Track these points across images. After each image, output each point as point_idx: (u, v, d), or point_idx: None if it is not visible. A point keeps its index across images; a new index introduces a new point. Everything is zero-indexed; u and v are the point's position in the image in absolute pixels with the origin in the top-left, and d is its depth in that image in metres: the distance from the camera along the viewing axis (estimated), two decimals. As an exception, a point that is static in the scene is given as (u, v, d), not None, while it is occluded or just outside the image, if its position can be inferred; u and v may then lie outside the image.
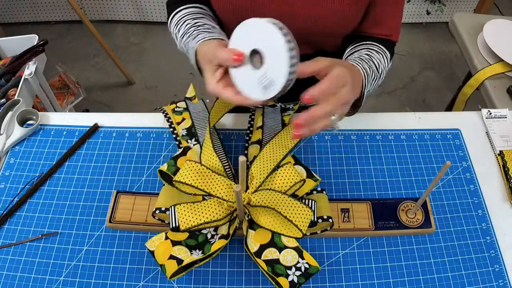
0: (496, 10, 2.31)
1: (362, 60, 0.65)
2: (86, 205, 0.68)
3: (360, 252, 0.64)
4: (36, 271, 0.62)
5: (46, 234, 0.65)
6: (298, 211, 0.60)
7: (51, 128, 0.78)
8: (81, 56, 2.16)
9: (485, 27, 1.16)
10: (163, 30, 2.31)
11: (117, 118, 0.80)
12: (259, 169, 0.66)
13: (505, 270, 0.63)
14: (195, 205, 0.61)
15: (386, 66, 0.70)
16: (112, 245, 0.64)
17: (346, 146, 0.77)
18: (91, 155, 0.74)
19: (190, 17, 0.70)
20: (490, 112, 0.82)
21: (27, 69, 1.16)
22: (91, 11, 2.26)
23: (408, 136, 0.78)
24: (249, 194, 0.62)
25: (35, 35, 1.27)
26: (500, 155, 0.76)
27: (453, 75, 2.18)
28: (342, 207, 0.68)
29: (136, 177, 0.72)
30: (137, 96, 2.01)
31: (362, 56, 0.67)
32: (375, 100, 2.02)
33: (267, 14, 0.54)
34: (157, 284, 0.61)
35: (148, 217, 0.66)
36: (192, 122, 0.75)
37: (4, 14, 2.24)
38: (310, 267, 0.59)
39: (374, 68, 0.66)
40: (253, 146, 0.72)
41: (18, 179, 0.71)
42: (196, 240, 0.62)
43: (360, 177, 0.72)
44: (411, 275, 0.62)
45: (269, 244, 0.61)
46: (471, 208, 0.69)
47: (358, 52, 0.70)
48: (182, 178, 0.63)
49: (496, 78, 1.07)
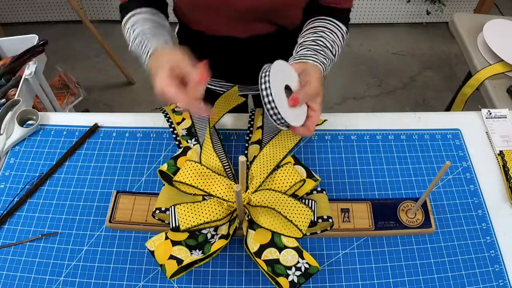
0: (496, 10, 2.31)
1: (318, 52, 0.68)
2: (86, 205, 0.68)
3: (360, 252, 0.64)
4: (36, 271, 0.62)
5: (46, 234, 0.65)
6: (298, 211, 0.60)
7: (51, 128, 0.78)
8: (81, 56, 2.16)
9: (485, 27, 1.16)
10: (163, 30, 2.31)
11: (117, 118, 0.80)
12: (259, 169, 0.66)
13: (505, 270, 0.63)
14: (195, 205, 0.61)
15: (341, 44, 0.72)
16: (112, 245, 0.64)
17: (346, 146, 0.77)
18: (91, 155, 0.74)
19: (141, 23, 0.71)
20: (490, 112, 0.82)
21: (27, 69, 1.16)
22: (91, 11, 2.26)
23: (408, 136, 0.78)
24: (249, 194, 0.62)
25: (35, 35, 1.27)
26: (500, 155, 0.76)
27: (453, 75, 2.18)
28: (342, 207, 0.68)
29: (136, 177, 0.72)
30: (137, 96, 2.01)
31: (317, 44, 0.69)
32: (375, 100, 2.02)
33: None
34: (157, 284, 0.61)
35: (148, 217, 0.66)
36: (192, 122, 0.75)
37: (4, 14, 2.24)
38: (310, 267, 0.59)
39: (330, 54, 0.69)
40: (253, 146, 0.72)
41: (18, 179, 0.71)
42: (196, 240, 0.62)
43: (360, 177, 0.72)
44: (411, 275, 0.62)
45: (269, 244, 0.61)
46: (471, 208, 0.69)
47: (313, 33, 0.71)
48: (182, 178, 0.63)
49: (496, 78, 1.07)
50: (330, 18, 0.72)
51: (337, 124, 0.80)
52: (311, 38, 0.70)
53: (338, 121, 0.80)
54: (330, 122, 0.80)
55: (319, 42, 0.69)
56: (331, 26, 0.71)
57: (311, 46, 0.68)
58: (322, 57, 0.67)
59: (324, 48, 0.69)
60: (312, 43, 0.69)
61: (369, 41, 2.34)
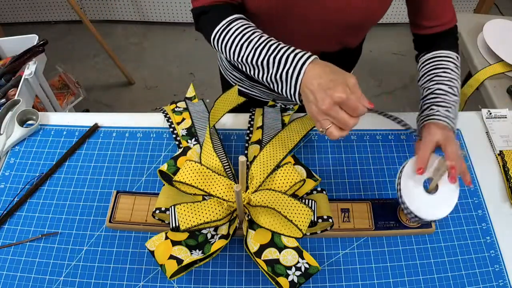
0: (496, 10, 2.31)
1: (446, 109, 0.66)
2: (86, 205, 0.68)
3: (360, 252, 0.64)
4: (36, 271, 0.62)
5: (46, 234, 0.65)
6: (298, 211, 0.60)
7: (51, 128, 0.78)
8: (81, 56, 2.16)
9: (485, 27, 1.16)
10: (163, 30, 2.31)
11: (117, 118, 0.80)
12: (259, 169, 0.66)
13: (505, 270, 0.63)
14: (195, 205, 0.61)
15: (457, 75, 0.71)
16: (112, 245, 0.64)
17: (346, 146, 0.77)
18: (91, 155, 0.74)
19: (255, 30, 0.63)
20: (490, 112, 0.82)
21: (27, 69, 1.16)
22: (91, 11, 2.26)
23: (408, 136, 0.78)
24: (249, 194, 0.62)
25: (35, 35, 1.27)
26: (500, 155, 0.76)
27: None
28: (342, 207, 0.68)
29: (136, 177, 0.72)
30: (137, 96, 2.01)
31: (436, 97, 0.68)
32: (375, 100, 2.02)
33: (308, 8, 0.62)
34: (157, 284, 0.61)
35: (148, 217, 0.66)
36: (192, 122, 0.75)
37: (4, 14, 2.24)
38: (310, 267, 0.59)
39: (452, 99, 0.68)
40: (253, 146, 0.72)
41: (18, 179, 0.71)
42: (196, 240, 0.62)
43: (360, 177, 0.72)
44: (411, 275, 0.62)
45: (269, 244, 0.61)
46: (471, 208, 0.69)
47: (429, 81, 0.71)
48: (182, 178, 0.63)
49: (496, 78, 1.07)
50: (439, 52, 0.71)
51: (337, 124, 0.80)
52: (430, 89, 0.69)
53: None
54: (330, 122, 0.80)
55: (438, 92, 0.68)
56: (443, 63, 0.70)
57: (432, 100, 0.68)
58: (452, 115, 0.66)
59: (444, 96, 0.67)
60: (432, 96, 0.68)
61: (370, 41, 2.34)
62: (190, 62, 2.15)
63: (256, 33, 0.61)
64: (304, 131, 0.75)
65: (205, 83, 2.03)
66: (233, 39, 0.62)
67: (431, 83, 0.70)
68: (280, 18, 0.69)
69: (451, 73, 0.69)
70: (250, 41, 0.61)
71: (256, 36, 0.61)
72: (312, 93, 0.53)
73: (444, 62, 0.71)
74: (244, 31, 0.62)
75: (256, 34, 0.61)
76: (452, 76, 0.69)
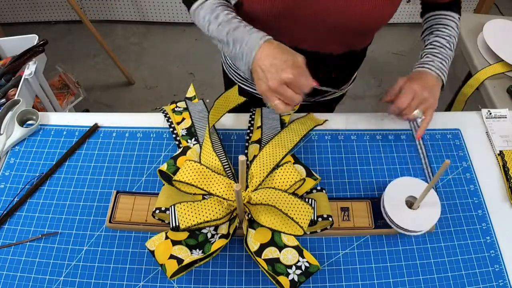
0: (496, 10, 2.31)
1: (434, 56, 0.75)
2: (86, 205, 0.68)
3: (360, 252, 0.64)
4: (36, 271, 0.62)
5: (46, 234, 0.65)
6: (299, 208, 0.60)
7: (51, 128, 0.78)
8: (81, 56, 2.16)
9: (485, 27, 1.16)
10: (163, 30, 2.31)
11: (117, 118, 0.80)
12: (259, 168, 0.66)
13: (505, 270, 0.63)
14: (195, 204, 0.61)
15: (456, 33, 0.78)
16: (112, 245, 0.64)
17: (346, 146, 0.77)
18: (91, 155, 0.74)
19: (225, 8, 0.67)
20: (490, 112, 0.82)
21: (27, 69, 1.16)
22: (91, 11, 2.26)
23: (408, 136, 0.78)
24: (249, 193, 0.62)
25: (35, 35, 1.27)
26: (500, 155, 0.76)
27: (453, 75, 2.18)
28: (342, 206, 0.68)
29: (136, 177, 0.72)
30: (137, 96, 2.01)
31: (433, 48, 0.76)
32: (375, 100, 2.02)
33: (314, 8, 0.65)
34: (157, 284, 0.61)
35: (148, 217, 0.66)
36: (192, 122, 0.75)
37: (4, 14, 2.24)
38: (311, 266, 0.59)
39: (448, 53, 0.75)
40: (253, 146, 0.72)
41: (18, 179, 0.71)
42: (196, 239, 0.62)
43: (360, 177, 0.72)
44: (411, 275, 0.62)
45: (269, 243, 0.61)
46: (471, 208, 0.69)
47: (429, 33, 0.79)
48: (182, 177, 0.63)
49: (496, 78, 1.07)
50: (442, 11, 0.78)
51: (337, 124, 0.80)
52: (429, 40, 0.77)
53: (338, 121, 0.80)
54: (330, 122, 0.80)
55: (436, 43, 0.76)
56: (445, 20, 0.77)
57: (429, 50, 0.76)
58: (438, 61, 0.74)
59: (441, 48, 0.75)
60: (430, 47, 0.76)
61: (370, 41, 2.34)
62: (190, 62, 2.15)
63: (226, 11, 0.65)
64: (304, 131, 0.75)
65: (205, 83, 2.03)
66: (205, 13, 0.67)
67: (431, 36, 0.78)
68: (282, 20, 0.69)
69: (451, 30, 0.77)
70: (217, 16, 0.65)
71: (224, 14, 0.65)
72: (263, 71, 0.58)
73: (445, 20, 0.77)
74: (215, 7, 0.66)
75: (225, 11, 0.65)
76: (451, 33, 0.77)
